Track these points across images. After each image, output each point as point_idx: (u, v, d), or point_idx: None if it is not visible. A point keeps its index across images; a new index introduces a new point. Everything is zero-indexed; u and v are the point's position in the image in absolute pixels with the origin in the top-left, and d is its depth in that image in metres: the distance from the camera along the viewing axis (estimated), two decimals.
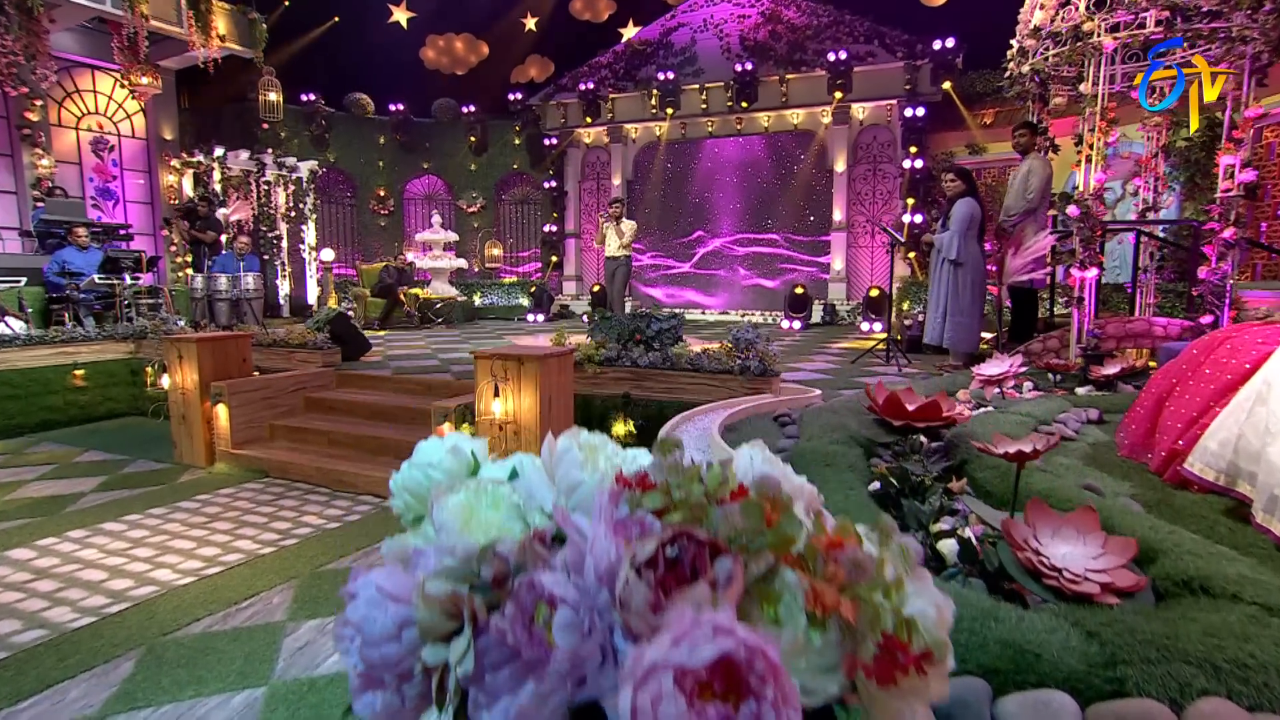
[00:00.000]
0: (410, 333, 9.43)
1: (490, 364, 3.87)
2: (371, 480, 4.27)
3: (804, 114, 11.46)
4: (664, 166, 12.69)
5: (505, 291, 12.77)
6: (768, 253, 11.84)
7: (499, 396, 3.87)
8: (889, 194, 11.22)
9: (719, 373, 4.46)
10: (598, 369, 4.80)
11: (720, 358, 4.58)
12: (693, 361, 4.56)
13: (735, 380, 4.39)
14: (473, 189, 14.37)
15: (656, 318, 5.25)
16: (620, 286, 8.31)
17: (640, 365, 4.71)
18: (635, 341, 5.12)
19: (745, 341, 4.42)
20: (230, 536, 3.53)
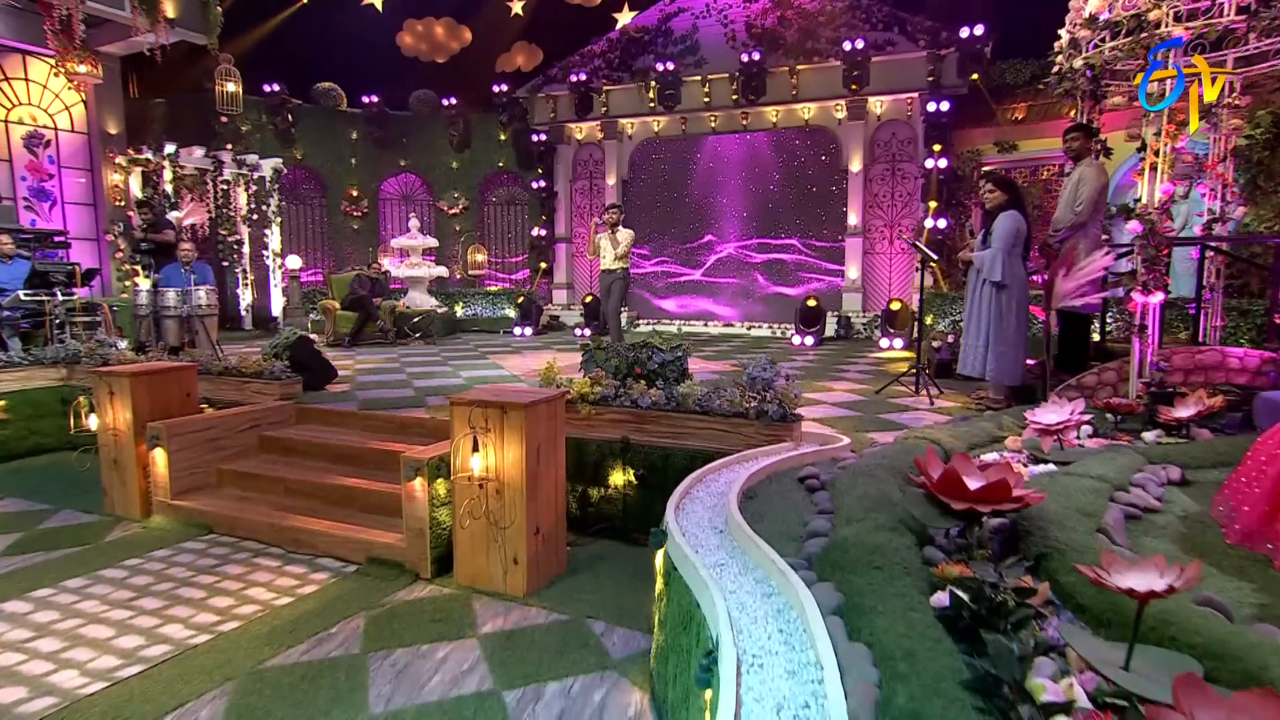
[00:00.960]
0: (384, 351, 9.15)
1: (468, 412, 3.53)
2: (332, 540, 3.93)
3: (816, 108, 11.29)
4: (663, 165, 12.52)
5: (490, 301, 12.56)
6: (788, 259, 11.66)
7: (479, 451, 3.53)
8: (909, 196, 10.99)
9: (732, 416, 4.12)
10: (591, 410, 4.46)
11: (731, 394, 4.25)
12: (702, 403, 4.23)
13: (750, 426, 4.06)
14: (454, 189, 14.18)
15: (658, 348, 4.92)
16: (616, 303, 8.01)
17: (641, 406, 4.38)
18: (635, 376, 4.79)
19: (762, 381, 4.09)
20: (158, 619, 3.19)
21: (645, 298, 12.62)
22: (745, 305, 11.90)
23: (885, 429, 4.59)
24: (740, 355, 8.73)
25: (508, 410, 3.52)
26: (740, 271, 11.96)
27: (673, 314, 12.37)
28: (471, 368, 7.51)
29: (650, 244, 12.51)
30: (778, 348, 9.72)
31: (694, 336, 11.37)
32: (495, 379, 6.75)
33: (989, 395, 5.17)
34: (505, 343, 10.23)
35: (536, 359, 8.32)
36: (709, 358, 8.42)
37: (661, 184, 12.51)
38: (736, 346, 9.85)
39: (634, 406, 4.42)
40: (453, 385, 6.37)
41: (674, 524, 2.71)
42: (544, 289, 13.45)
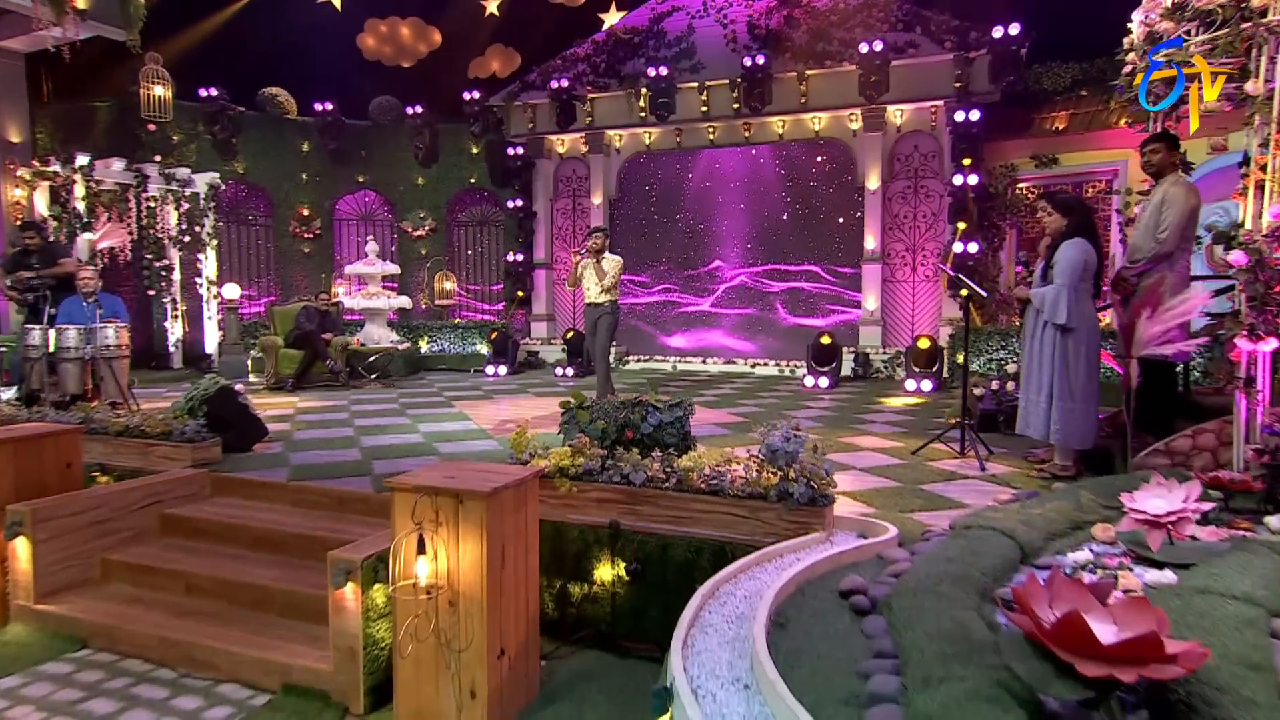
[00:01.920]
0: (333, 396, 8.68)
1: (413, 502, 2.98)
2: (239, 660, 3.35)
3: (828, 119, 11.06)
4: (656, 182, 12.31)
5: (460, 336, 12.11)
6: (809, 289, 11.41)
7: (425, 553, 2.97)
8: (933, 217, 10.69)
9: (747, 498, 3.60)
10: (573, 487, 3.93)
11: (745, 468, 3.72)
12: (711, 480, 3.70)
13: (771, 510, 3.53)
14: (420, 208, 13.85)
15: (653, 407, 4.41)
16: (605, 341, 7.57)
17: (633, 482, 3.85)
18: (626, 442, 4.26)
19: (784, 454, 3.56)
20: None
21: (650, 334, 12.36)
22: (764, 340, 11.63)
23: (934, 506, 4.09)
24: (745, 402, 8.30)
25: (464, 500, 2.98)
26: (755, 301, 11.71)
27: (683, 350, 12.06)
28: (433, 418, 7.07)
29: (649, 271, 12.33)
30: (788, 390, 9.32)
31: (691, 376, 11.01)
32: (459, 436, 6.26)
33: (1054, 461, 4.66)
34: (476, 384, 9.86)
35: (512, 406, 7.89)
36: (709, 403, 8.00)
37: (654, 204, 12.32)
38: (740, 389, 9.43)
39: (625, 483, 3.90)
40: (408, 445, 5.88)
41: (681, 676, 2.16)
42: (520, 321, 13.09)
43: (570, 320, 12.92)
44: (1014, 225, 10.06)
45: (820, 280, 11.36)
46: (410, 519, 3.03)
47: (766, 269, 11.66)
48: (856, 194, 11.01)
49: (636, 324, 12.36)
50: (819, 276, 11.36)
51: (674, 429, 4.38)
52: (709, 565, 3.61)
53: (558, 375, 10.58)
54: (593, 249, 7.48)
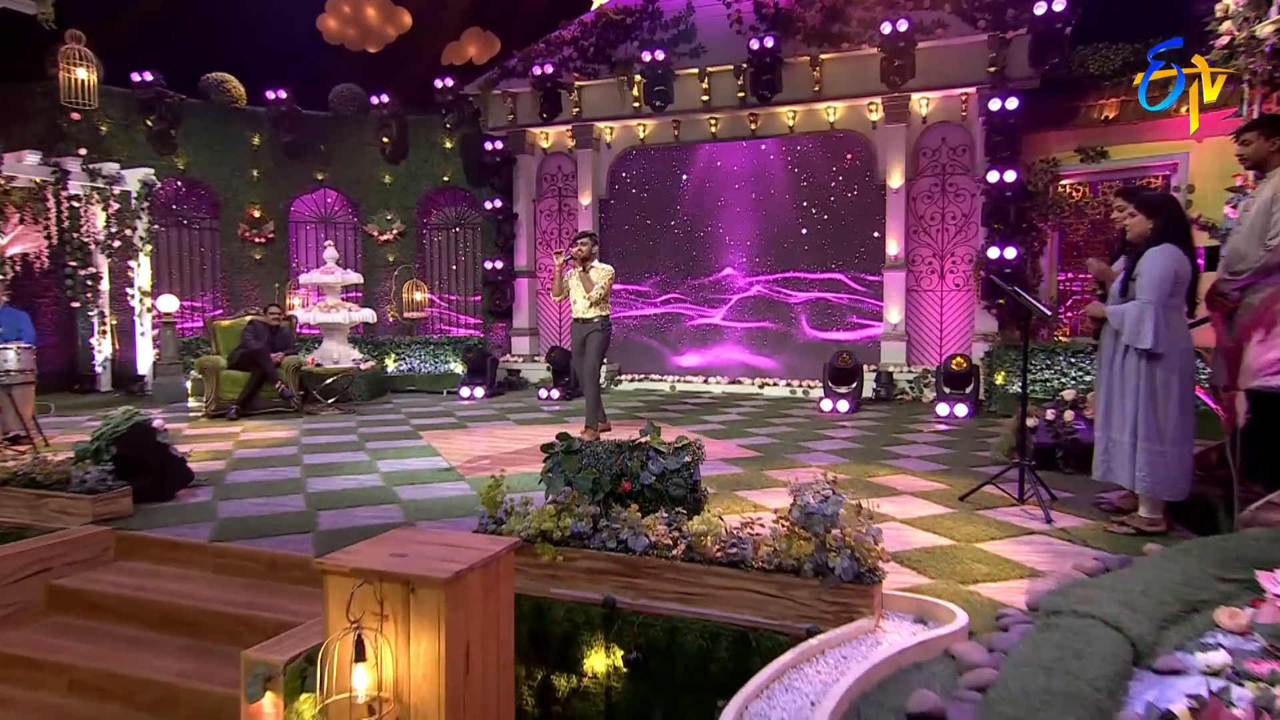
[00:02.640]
0: (282, 426, 8.24)
1: (349, 590, 2.47)
2: None
3: (844, 109, 10.79)
4: (650, 180, 12.11)
5: (432, 353, 11.73)
6: (836, 300, 11.14)
7: (364, 659, 2.45)
8: (964, 218, 10.37)
9: (776, 571, 3.10)
10: (558, 554, 3.42)
11: (772, 533, 3.23)
12: (730, 548, 3.20)
13: (806, 588, 3.04)
14: (386, 209, 13.54)
15: (655, 451, 3.94)
16: (594, 362, 7.17)
17: (633, 549, 3.35)
18: (622, 496, 3.76)
19: (822, 519, 3.06)
20: None
21: (652, 350, 12.09)
22: (777, 357, 11.37)
23: (1001, 574, 3.62)
24: (756, 430, 7.87)
25: (417, 589, 2.50)
26: (770, 314, 11.47)
27: (687, 369, 11.79)
28: (396, 453, 6.64)
29: (649, 280, 12.10)
30: (802, 415, 8.96)
31: (692, 398, 10.62)
32: (425, 477, 5.77)
33: (1138, 514, 4.17)
34: (448, 409, 9.51)
35: (488, 437, 7.48)
36: (714, 432, 7.60)
37: (650, 205, 12.11)
38: (749, 414, 9.04)
39: (622, 549, 3.41)
40: (363, 490, 5.38)
41: None
42: (500, 336, 12.85)
43: (556, 335, 12.68)
44: (1056, 227, 9.74)
45: (843, 290, 11.09)
46: (345, 614, 2.51)
47: (785, 277, 11.41)
48: (876, 193, 10.73)
49: (636, 339, 12.14)
50: (842, 286, 11.09)
51: (681, 479, 3.90)
52: (728, 656, 3.14)
53: (541, 398, 10.28)
54: (578, 256, 7.15)
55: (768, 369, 11.37)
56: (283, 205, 13.44)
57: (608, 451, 4.02)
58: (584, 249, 7.16)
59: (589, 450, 4.01)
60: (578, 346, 7.28)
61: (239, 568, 4.01)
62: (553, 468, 4.00)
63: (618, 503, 3.81)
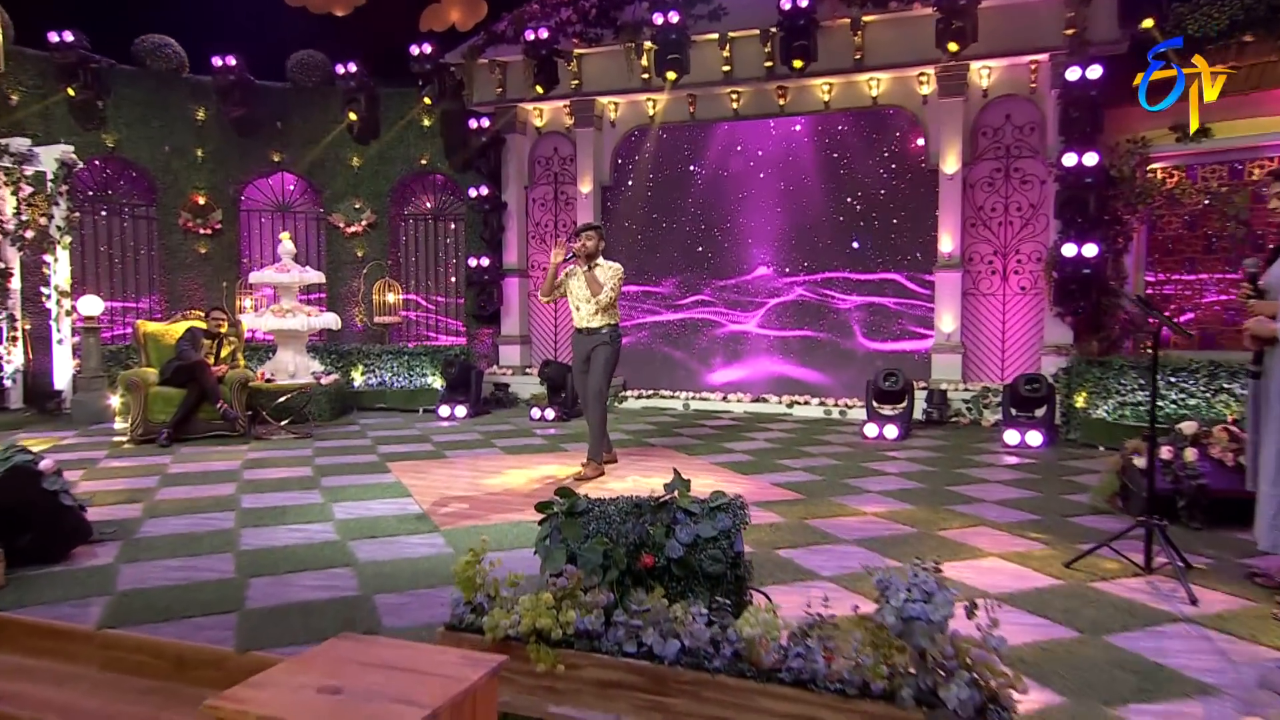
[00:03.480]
0: (222, 455, 7.74)
1: None
2: None
3: (890, 80, 10.52)
4: (662, 164, 11.96)
5: (406, 365, 11.34)
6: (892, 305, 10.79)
7: None
8: (1031, 209, 9.97)
9: (861, 697, 2.46)
10: (558, 661, 2.80)
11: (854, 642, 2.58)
12: (793, 661, 2.56)
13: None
14: (355, 197, 13.28)
15: (685, 511, 3.32)
16: (600, 381, 6.72)
17: (661, 657, 2.73)
18: (643, 575, 3.14)
19: (926, 626, 2.42)
20: None
21: (674, 366, 11.82)
22: (831, 370, 11.03)
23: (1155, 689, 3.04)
24: (790, 461, 7.38)
25: None
26: (817, 320, 11.14)
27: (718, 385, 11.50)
28: (356, 493, 6.16)
29: (671, 280, 11.90)
30: (842, 442, 8.52)
31: (709, 419, 10.21)
32: (388, 528, 5.18)
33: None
34: (424, 432, 9.16)
35: (470, 470, 7.02)
36: (741, 465, 7.17)
37: (660, 193, 11.96)
38: (779, 440, 8.60)
39: (645, 656, 2.79)
40: (310, 545, 4.79)
41: None
42: (486, 345, 12.67)
43: (551, 345, 12.58)
44: (1144, 220, 9.23)
45: (890, 291, 10.77)
46: None
47: (830, 278, 11.11)
48: (926, 180, 10.43)
49: (647, 349, 11.96)
50: (888, 288, 10.76)
51: (719, 550, 3.28)
52: None
53: (534, 418, 10.03)
54: (582, 252, 6.74)
55: (809, 383, 11.07)
56: (232, 191, 13.15)
57: (622, 513, 3.40)
58: (591, 243, 6.74)
59: (598, 512, 3.39)
60: (580, 362, 6.86)
61: (136, 664, 3.36)
62: (550, 534, 3.36)
63: (637, 584, 3.20)
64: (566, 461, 7.32)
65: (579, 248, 6.72)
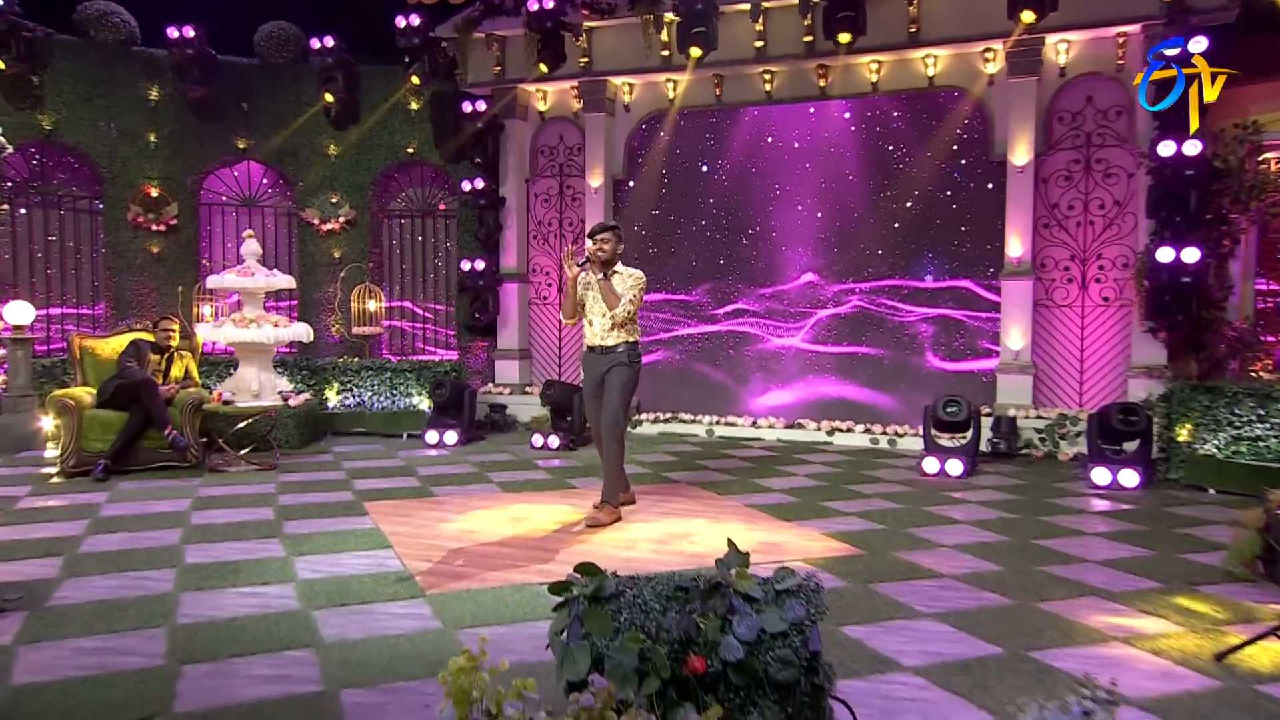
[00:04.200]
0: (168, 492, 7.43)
1: None
2: None
3: (949, 58, 10.33)
4: (685, 155, 11.85)
5: (389, 383, 11.23)
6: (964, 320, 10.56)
7: None
8: (1117, 206, 9.63)
9: None
10: None
11: None
12: None
13: None
14: (331, 190, 13.05)
15: (745, 598, 2.86)
16: (616, 408, 6.43)
17: None
18: (690, 682, 2.68)
19: None
20: None
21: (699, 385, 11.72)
22: (889, 391, 10.80)
23: None
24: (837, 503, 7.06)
25: None
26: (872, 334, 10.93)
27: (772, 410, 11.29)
28: (326, 544, 5.81)
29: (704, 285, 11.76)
30: (896, 478, 8.28)
31: (737, 448, 10.06)
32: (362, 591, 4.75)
33: None
34: (408, 464, 8.94)
35: (463, 513, 6.72)
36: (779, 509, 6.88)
37: (681, 187, 11.84)
38: (821, 475, 8.38)
39: None
40: (262, 616, 4.35)
41: None
42: (481, 360, 12.58)
43: (554, 361, 12.46)
44: (1256, 219, 8.86)
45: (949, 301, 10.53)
46: None
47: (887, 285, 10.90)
48: (991, 174, 10.25)
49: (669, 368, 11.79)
50: (965, 298, 10.49)
51: (789, 649, 2.83)
52: None
53: (535, 446, 9.86)
54: (597, 256, 6.49)
55: (860, 405, 10.92)
56: (190, 182, 12.87)
57: (661, 598, 2.91)
58: (608, 246, 6.46)
59: (630, 597, 2.88)
60: (592, 385, 6.60)
61: None
62: (569, 627, 2.84)
63: (683, 696, 2.72)
64: (576, 501, 7.01)
65: (593, 251, 6.44)
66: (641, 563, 5.19)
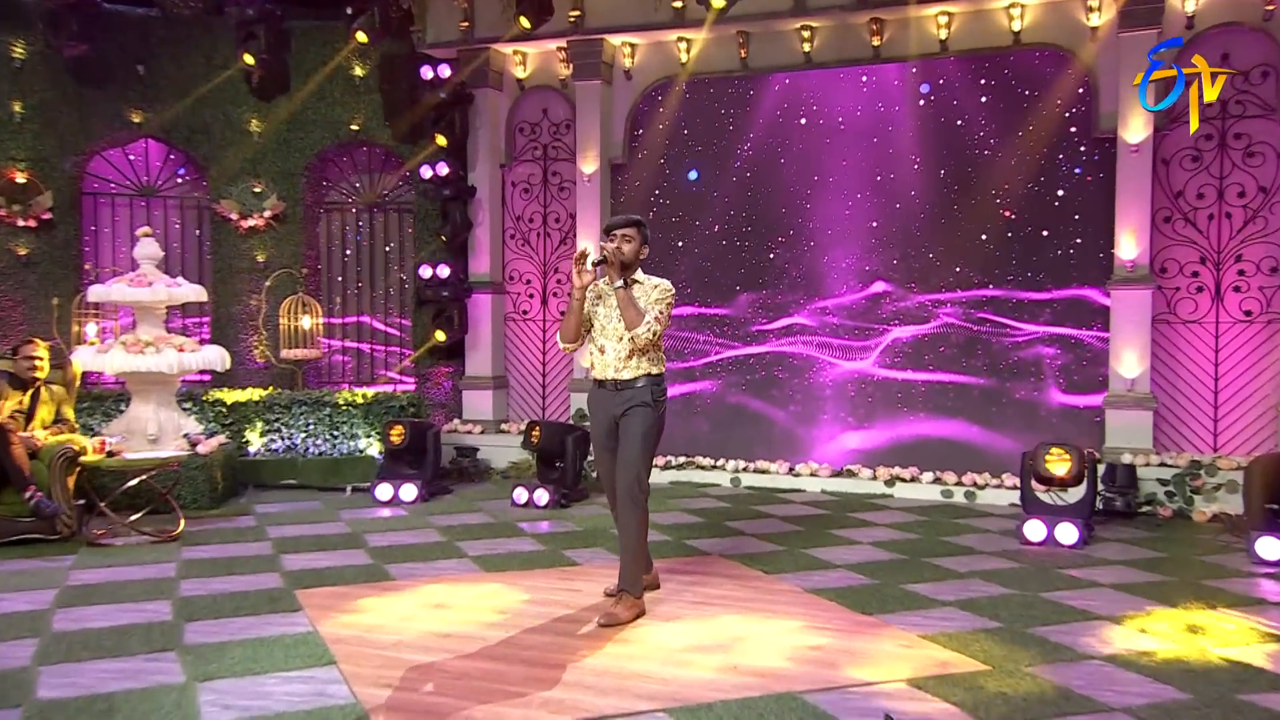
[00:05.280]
0: (23, 580, 6.93)
1: None
2: None
3: (1039, 6, 10.18)
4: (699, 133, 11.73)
5: (329, 421, 11.00)
6: (1088, 340, 10.31)
7: None
8: (1262, 194, 9.41)
9: None
10: None
11: None
12: None
13: None
14: (254, 177, 12.75)
15: None
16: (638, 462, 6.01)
17: None
18: None
19: None
20: None
21: (812, 445, 11.31)
22: (992, 429, 10.64)
23: None
24: (920, 585, 6.66)
25: None
26: (969, 359, 10.76)
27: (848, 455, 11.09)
28: (241, 661, 5.17)
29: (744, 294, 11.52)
30: (991, 547, 7.92)
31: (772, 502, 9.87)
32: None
33: None
34: (353, 530, 8.58)
35: (429, 608, 6.26)
36: (847, 598, 6.35)
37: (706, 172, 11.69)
38: (891, 544, 8.03)
39: None
40: None
41: None
42: (445, 390, 12.36)
43: (537, 391, 12.32)
44: None
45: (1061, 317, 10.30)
46: None
47: (975, 297, 10.76)
48: (1098, 154, 10.08)
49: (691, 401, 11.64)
50: (1078, 312, 10.25)
51: None
52: None
53: (518, 503, 9.48)
54: (616, 261, 6.11)
55: (933, 447, 10.72)
56: (69, 166, 12.48)
57: None
58: (626, 247, 6.06)
59: None
60: (603, 432, 6.28)
61: None
62: None
63: None
64: (580, 582, 6.62)
65: (612, 252, 5.99)
66: (690, 687, 4.62)
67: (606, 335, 6.09)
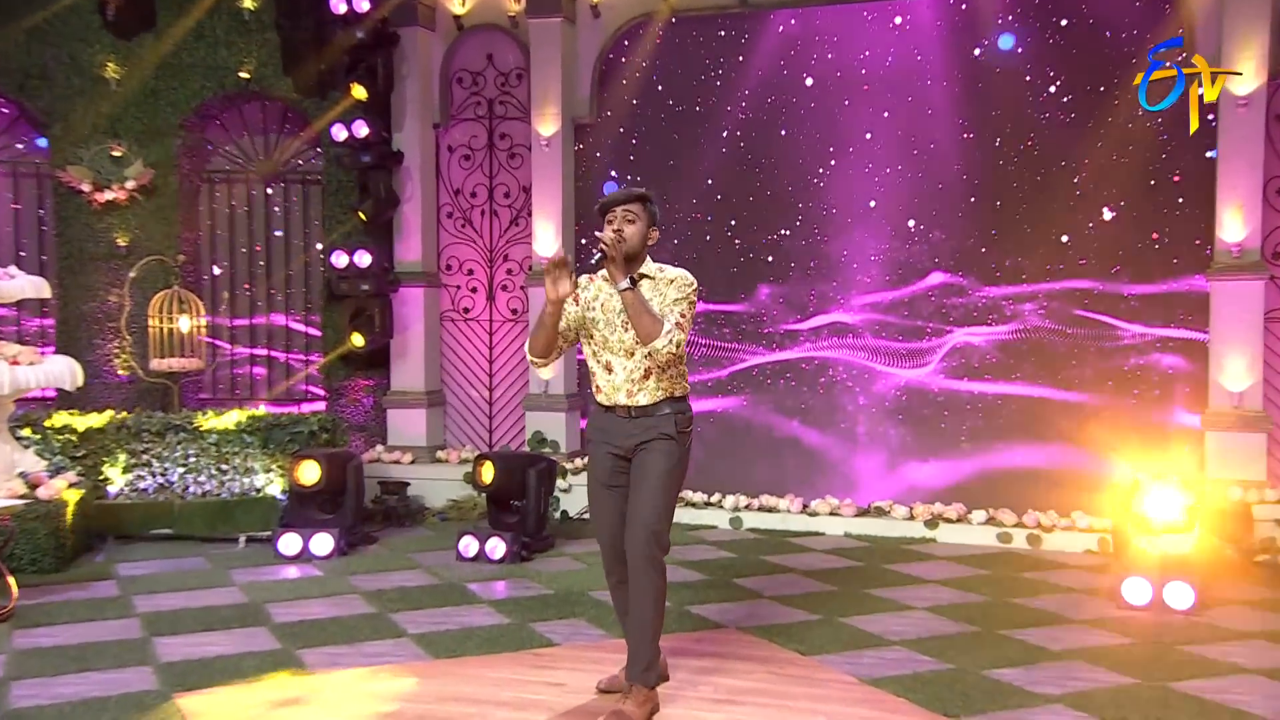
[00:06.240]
0: None
1: None
2: None
3: None
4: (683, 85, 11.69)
5: (215, 452, 10.51)
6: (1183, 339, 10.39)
7: None
8: None
9: None
10: None
11: None
12: None
13: None
14: (112, 138, 12.28)
15: None
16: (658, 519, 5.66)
17: None
18: None
19: None
20: None
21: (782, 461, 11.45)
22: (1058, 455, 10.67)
23: None
24: (1028, 686, 6.07)
25: None
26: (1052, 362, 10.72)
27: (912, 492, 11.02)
28: None
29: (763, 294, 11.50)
30: (1081, 612, 7.59)
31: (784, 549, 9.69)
32: None
33: None
34: (251, 600, 8.03)
35: (360, 710, 5.88)
36: (917, 695, 5.89)
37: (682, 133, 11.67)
38: (947, 607, 7.75)
39: None
40: None
41: None
42: (365, 407, 12.13)
43: (483, 408, 12.13)
44: None
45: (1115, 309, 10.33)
46: None
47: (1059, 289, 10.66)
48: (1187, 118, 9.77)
49: None
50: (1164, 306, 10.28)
51: None
52: None
53: (466, 556, 9.18)
54: (618, 250, 5.59)
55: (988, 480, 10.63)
56: None
57: None
58: (631, 230, 5.68)
59: None
60: (606, 472, 5.84)
61: None
62: None
63: None
64: (562, 671, 6.15)
65: (613, 242, 5.47)
66: None
67: (612, 349, 5.63)
